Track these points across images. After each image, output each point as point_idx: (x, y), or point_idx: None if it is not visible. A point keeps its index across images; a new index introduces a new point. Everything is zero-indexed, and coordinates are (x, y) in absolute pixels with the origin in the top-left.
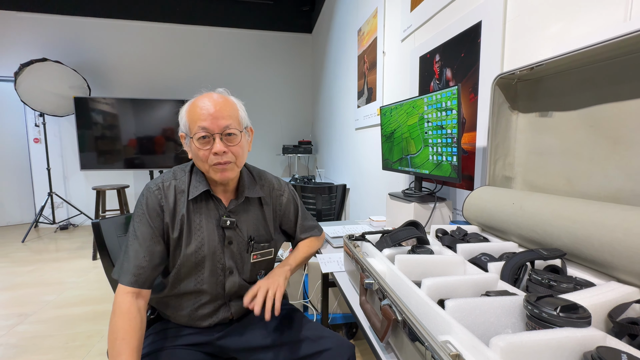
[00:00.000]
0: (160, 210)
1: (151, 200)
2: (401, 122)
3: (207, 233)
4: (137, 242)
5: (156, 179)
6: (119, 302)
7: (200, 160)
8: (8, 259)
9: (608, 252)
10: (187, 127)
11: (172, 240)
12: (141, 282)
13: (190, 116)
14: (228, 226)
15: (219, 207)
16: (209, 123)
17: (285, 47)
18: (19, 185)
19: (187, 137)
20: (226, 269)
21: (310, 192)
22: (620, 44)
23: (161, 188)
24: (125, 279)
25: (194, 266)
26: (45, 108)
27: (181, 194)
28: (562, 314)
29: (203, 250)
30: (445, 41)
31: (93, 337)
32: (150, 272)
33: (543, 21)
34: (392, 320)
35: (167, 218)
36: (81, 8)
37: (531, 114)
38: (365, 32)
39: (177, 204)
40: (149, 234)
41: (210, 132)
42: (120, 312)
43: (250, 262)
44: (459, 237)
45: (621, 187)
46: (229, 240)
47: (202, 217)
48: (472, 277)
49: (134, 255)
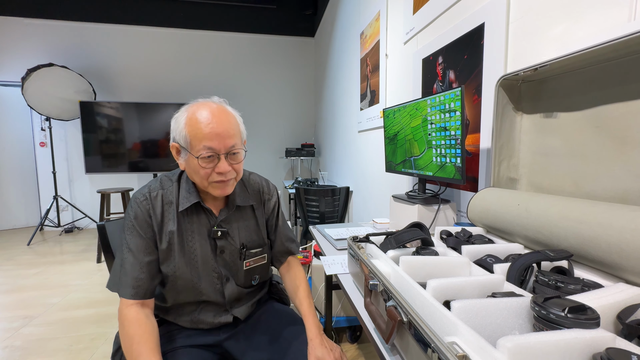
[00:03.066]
0: (150, 220)
1: (140, 211)
2: (404, 124)
3: (199, 244)
4: (132, 254)
5: (142, 188)
6: (125, 314)
7: (199, 177)
8: (14, 262)
9: (616, 254)
10: (187, 143)
11: (161, 251)
12: (142, 293)
13: (192, 132)
14: (219, 236)
15: (210, 217)
16: (215, 143)
17: (288, 50)
18: (25, 189)
19: (184, 151)
20: (222, 277)
21: (314, 195)
22: (625, 44)
23: (148, 198)
24: (125, 292)
25: (190, 278)
26: (51, 112)
27: (169, 204)
28: (570, 315)
29: (197, 262)
30: (448, 43)
31: (97, 340)
32: (149, 283)
33: (547, 22)
34: (397, 321)
35: (155, 228)
36: (86, 14)
37: (536, 115)
38: (367, 35)
39: (165, 215)
40: (142, 245)
41: (216, 152)
42: (129, 322)
43: (243, 269)
44: (463, 238)
45: (628, 187)
46: (220, 249)
47: (194, 228)
48: (478, 278)
49: (131, 268)
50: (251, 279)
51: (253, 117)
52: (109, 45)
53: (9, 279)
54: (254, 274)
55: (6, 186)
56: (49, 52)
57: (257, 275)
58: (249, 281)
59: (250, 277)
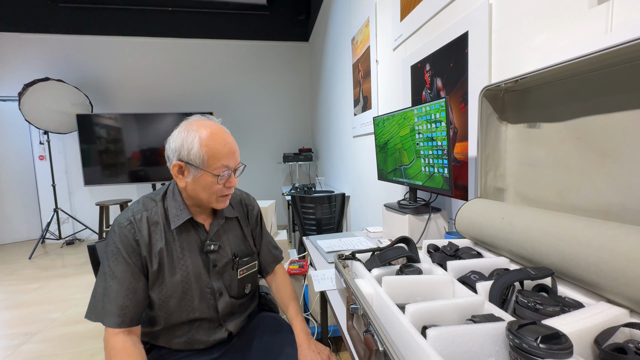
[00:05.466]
0: (136, 244)
1: (125, 236)
2: (394, 133)
3: (190, 260)
4: (116, 281)
5: (125, 212)
6: (113, 344)
7: (209, 193)
8: (15, 277)
9: (595, 273)
10: (203, 162)
11: (152, 273)
12: (128, 321)
13: (210, 151)
14: (212, 250)
15: (200, 232)
16: (231, 161)
17: (283, 55)
18: (26, 202)
19: (195, 169)
20: (215, 291)
21: (310, 202)
22: (602, 57)
23: (133, 222)
24: (110, 321)
25: (182, 296)
26: (49, 126)
27: (155, 225)
28: (542, 345)
29: (189, 279)
30: (434, 51)
31: (96, 356)
32: (135, 310)
33: (528, 32)
34: (374, 350)
35: (144, 252)
36: (80, 27)
37: (520, 124)
38: (358, 40)
39: (152, 236)
40: (128, 271)
41: (231, 169)
42: (117, 351)
43: (237, 278)
44: (450, 252)
45: (610, 200)
46: (213, 263)
47: (184, 244)
48: (458, 301)
49: (115, 296)
50: (244, 287)
51: (250, 123)
52: (103, 58)
53: (10, 294)
54: (246, 282)
55: (7, 200)
56: (45, 66)
57: (249, 284)
58: (242, 290)
59: (243, 286)
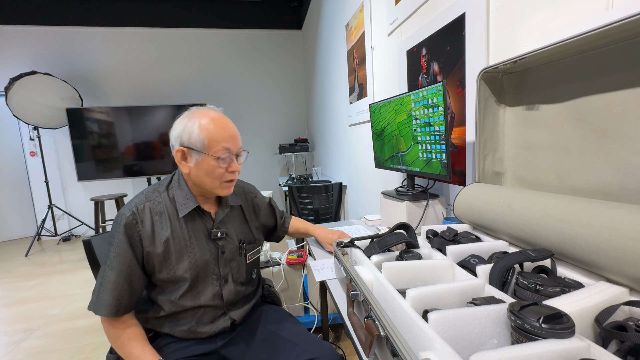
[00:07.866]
0: (137, 236)
1: (127, 227)
2: (390, 120)
3: (198, 248)
4: (114, 272)
5: (128, 203)
6: (108, 328)
7: (212, 178)
8: (12, 274)
9: (595, 253)
10: (204, 145)
11: (158, 261)
12: (122, 310)
13: (210, 135)
14: (219, 237)
15: (206, 220)
16: (232, 144)
17: (276, 44)
18: (19, 200)
19: (196, 153)
20: (221, 277)
21: (307, 193)
22: (602, 35)
23: (135, 213)
24: (104, 311)
25: (191, 284)
26: (38, 121)
27: (159, 215)
28: (544, 324)
29: (197, 265)
30: (430, 34)
31: (98, 349)
32: (129, 299)
33: (526, 11)
34: (375, 335)
35: (146, 242)
36: (67, 18)
37: (518, 107)
38: (352, 27)
39: (156, 226)
40: (126, 262)
41: (232, 153)
42: (115, 330)
43: (245, 263)
44: (449, 237)
45: (610, 181)
46: (222, 250)
47: (191, 232)
48: (458, 284)
49: (113, 286)
50: (251, 272)
51: (244, 114)
52: (92, 49)
53: (8, 291)
54: (253, 267)
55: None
56: (31, 60)
57: (255, 269)
58: (250, 275)
59: (250, 270)
